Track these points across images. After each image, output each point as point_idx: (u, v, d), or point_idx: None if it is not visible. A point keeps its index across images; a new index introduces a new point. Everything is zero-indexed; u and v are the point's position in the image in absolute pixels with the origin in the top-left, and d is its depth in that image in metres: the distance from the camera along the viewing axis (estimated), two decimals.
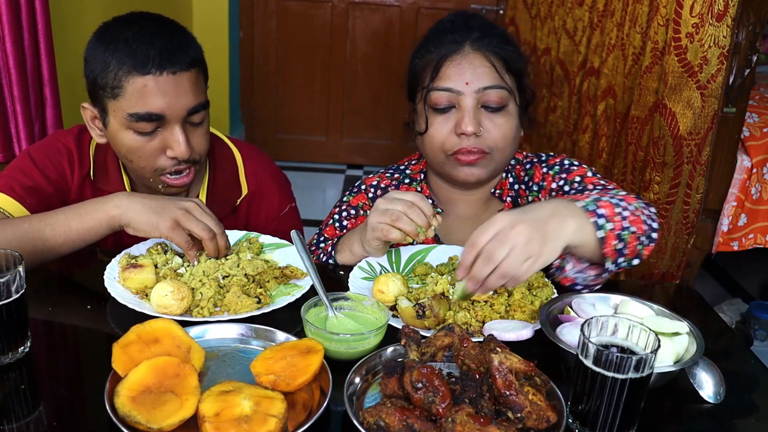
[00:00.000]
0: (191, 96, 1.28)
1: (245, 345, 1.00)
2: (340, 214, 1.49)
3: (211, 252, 1.19)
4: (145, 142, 1.28)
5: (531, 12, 3.14)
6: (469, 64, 1.31)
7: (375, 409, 0.80)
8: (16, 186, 1.32)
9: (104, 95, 1.27)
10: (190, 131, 1.31)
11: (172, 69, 1.25)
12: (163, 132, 1.28)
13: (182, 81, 1.27)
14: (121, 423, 0.78)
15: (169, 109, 1.26)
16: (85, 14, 2.53)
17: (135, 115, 1.25)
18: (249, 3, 4.12)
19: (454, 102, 1.32)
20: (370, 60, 4.27)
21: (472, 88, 1.30)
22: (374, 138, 4.47)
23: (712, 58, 1.71)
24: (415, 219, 1.16)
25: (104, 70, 1.25)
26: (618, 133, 2.25)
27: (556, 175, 1.39)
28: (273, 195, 1.53)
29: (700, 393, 0.93)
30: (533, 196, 1.42)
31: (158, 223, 1.16)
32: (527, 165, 1.46)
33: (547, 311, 1.06)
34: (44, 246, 1.18)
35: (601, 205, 1.10)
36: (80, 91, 1.34)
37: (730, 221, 2.21)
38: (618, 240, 1.09)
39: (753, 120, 2.27)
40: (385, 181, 1.51)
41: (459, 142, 1.31)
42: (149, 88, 1.24)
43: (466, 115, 1.30)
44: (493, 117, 1.32)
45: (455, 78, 1.31)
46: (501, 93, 1.31)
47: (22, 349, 0.96)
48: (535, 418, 0.81)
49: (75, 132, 1.43)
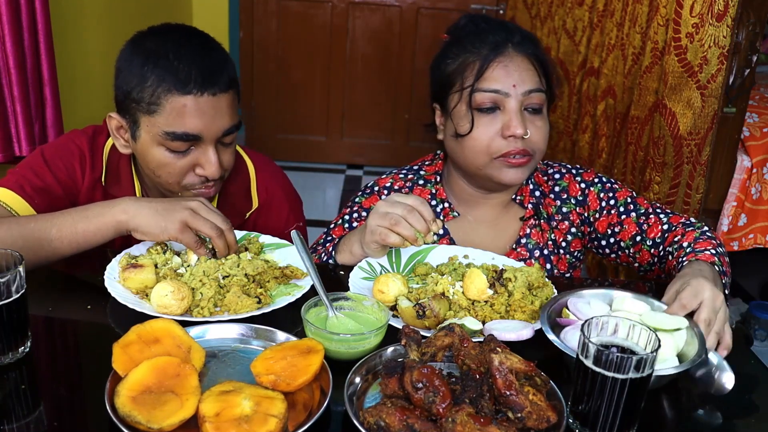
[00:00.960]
0: (227, 118, 1.28)
1: (245, 345, 1.00)
2: (350, 215, 1.48)
3: (221, 249, 1.18)
4: (176, 160, 1.27)
5: (531, 12, 3.14)
6: (516, 67, 1.32)
7: (375, 409, 0.80)
8: (26, 185, 1.31)
9: (138, 109, 1.26)
10: (220, 150, 1.31)
11: (212, 90, 1.24)
12: (196, 151, 1.28)
13: (221, 103, 1.26)
14: (121, 423, 0.78)
15: (206, 131, 1.25)
16: (85, 14, 2.53)
17: (171, 134, 1.24)
18: (249, 3, 4.12)
19: (500, 104, 1.31)
20: (370, 60, 4.26)
21: (519, 91, 1.30)
22: (374, 138, 4.46)
23: (712, 58, 1.71)
24: (414, 224, 1.16)
25: (141, 84, 1.24)
26: (618, 133, 2.25)
27: (601, 192, 1.43)
28: (282, 210, 1.52)
29: (709, 390, 0.93)
30: (569, 208, 1.45)
31: (166, 226, 1.15)
32: (556, 175, 1.47)
33: (548, 312, 1.06)
34: (49, 246, 1.17)
35: (721, 260, 1.21)
36: (80, 91, 1.35)
37: (730, 221, 2.21)
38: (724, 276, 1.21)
39: (753, 120, 2.27)
40: (399, 182, 1.50)
41: (507, 145, 1.31)
42: (189, 108, 1.23)
43: (513, 117, 1.30)
44: (534, 119, 1.33)
45: (503, 80, 1.30)
46: (541, 96, 1.33)
47: (22, 349, 0.96)
48: (536, 418, 0.81)
49: (89, 133, 1.42)
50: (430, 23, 4.13)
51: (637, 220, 1.38)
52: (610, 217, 1.41)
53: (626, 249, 1.40)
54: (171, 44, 1.26)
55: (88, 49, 2.57)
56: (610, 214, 1.41)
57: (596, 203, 1.43)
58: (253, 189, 1.51)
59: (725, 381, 0.92)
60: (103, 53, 2.71)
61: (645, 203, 1.41)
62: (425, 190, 1.48)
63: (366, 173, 4.49)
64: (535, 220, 1.44)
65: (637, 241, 1.37)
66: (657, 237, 1.35)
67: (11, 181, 1.31)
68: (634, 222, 1.38)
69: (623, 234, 1.39)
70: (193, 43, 1.29)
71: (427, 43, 4.08)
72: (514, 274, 1.15)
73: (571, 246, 1.46)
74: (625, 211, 1.40)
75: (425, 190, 1.48)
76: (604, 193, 1.43)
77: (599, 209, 1.43)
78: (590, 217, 1.44)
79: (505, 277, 1.15)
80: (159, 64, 1.23)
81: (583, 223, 1.45)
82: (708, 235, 1.28)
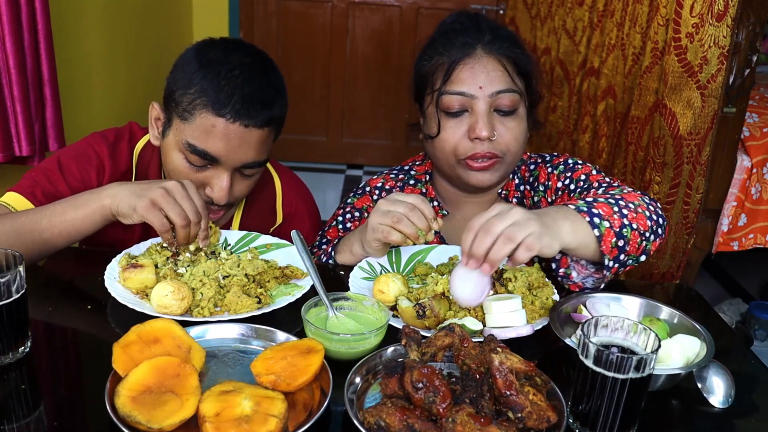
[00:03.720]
0: (253, 152, 1.27)
1: (245, 345, 1.00)
2: (343, 216, 1.48)
3: (180, 239, 1.16)
4: (191, 172, 1.27)
5: (531, 12, 3.14)
6: (482, 68, 1.30)
7: (375, 409, 0.80)
8: (38, 191, 1.30)
9: (175, 111, 1.26)
10: (236, 179, 1.30)
11: (246, 122, 1.23)
12: (212, 170, 1.27)
13: (250, 136, 1.25)
14: (121, 423, 0.78)
15: (226, 157, 1.25)
16: (85, 14, 2.53)
17: (192, 147, 1.24)
18: (249, 3, 4.12)
19: (467, 106, 1.30)
20: (370, 60, 4.26)
21: (486, 93, 1.29)
22: (374, 138, 4.47)
23: (712, 58, 1.71)
24: (416, 222, 1.16)
25: (185, 89, 1.24)
26: (618, 133, 2.25)
27: (561, 174, 1.38)
28: (303, 227, 1.50)
29: (708, 399, 0.93)
30: (539, 196, 1.42)
31: (136, 204, 1.13)
32: (531, 165, 1.45)
33: (559, 311, 1.06)
34: (41, 238, 1.17)
35: (596, 205, 1.11)
36: (80, 91, 1.34)
37: (730, 221, 2.21)
38: (617, 237, 1.10)
39: (753, 120, 2.27)
40: (390, 182, 1.51)
41: (473, 147, 1.30)
42: (217, 129, 1.22)
43: (480, 119, 1.29)
44: (505, 121, 1.31)
45: (469, 82, 1.30)
46: (513, 97, 1.31)
47: (22, 349, 0.96)
48: (536, 418, 0.81)
49: (110, 139, 1.40)
50: (430, 23, 4.14)
51: (579, 196, 1.30)
52: (562, 197, 1.36)
53: None
54: (230, 61, 1.24)
55: (88, 49, 2.57)
56: (563, 194, 1.36)
57: (555, 185, 1.38)
58: (278, 204, 1.50)
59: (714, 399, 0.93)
60: (103, 53, 2.71)
61: (598, 178, 1.33)
62: (415, 190, 1.49)
63: (366, 173, 4.49)
64: None
65: None
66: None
67: (24, 186, 1.31)
68: (576, 198, 1.29)
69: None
70: (253, 69, 1.27)
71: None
72: (514, 274, 1.15)
73: None
74: (575, 188, 1.34)
75: (415, 190, 1.49)
76: (563, 173, 1.38)
77: (556, 190, 1.38)
78: (552, 201, 1.39)
79: (505, 277, 1.15)
80: (208, 77, 1.23)
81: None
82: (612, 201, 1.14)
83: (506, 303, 1.05)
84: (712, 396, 0.93)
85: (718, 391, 0.93)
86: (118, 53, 2.85)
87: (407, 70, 1.46)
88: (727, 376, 0.93)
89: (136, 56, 3.01)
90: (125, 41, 2.91)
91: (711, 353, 0.95)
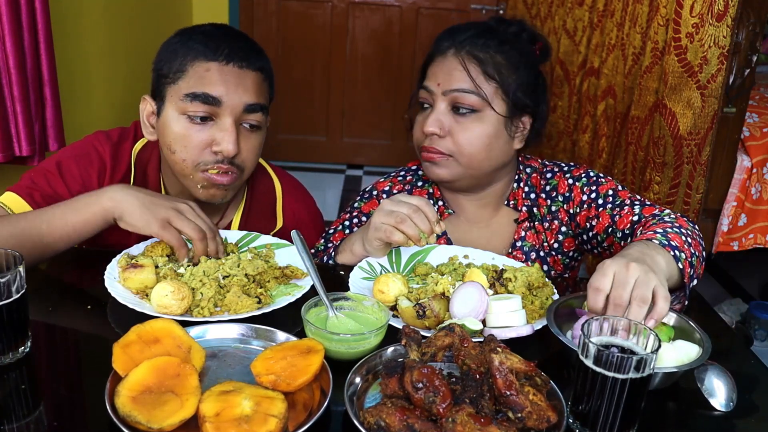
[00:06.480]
0: (252, 93, 1.28)
1: (245, 345, 1.00)
2: (350, 220, 1.49)
3: (198, 252, 1.17)
4: (195, 132, 1.26)
5: (531, 12, 3.14)
6: (446, 67, 1.36)
7: (375, 409, 0.80)
8: (36, 193, 1.30)
9: (166, 83, 1.28)
10: (242, 134, 1.29)
11: (239, 63, 1.26)
12: (214, 126, 1.26)
13: (246, 77, 1.27)
14: (121, 423, 0.78)
15: (227, 97, 1.25)
16: (85, 14, 2.53)
17: (191, 95, 1.24)
18: (249, 3, 4.12)
19: (429, 101, 1.37)
20: (370, 60, 4.26)
21: (441, 89, 1.35)
22: (374, 138, 4.47)
23: (712, 58, 1.72)
24: (419, 224, 1.17)
25: (171, 59, 1.27)
26: (618, 133, 2.25)
27: (584, 186, 1.40)
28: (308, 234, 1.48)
29: (710, 401, 0.93)
30: (557, 206, 1.44)
31: (150, 220, 1.14)
32: (548, 174, 1.47)
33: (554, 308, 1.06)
34: (41, 242, 1.17)
35: (671, 237, 1.13)
36: (80, 91, 1.35)
37: (730, 221, 2.21)
38: (690, 266, 1.13)
39: (753, 120, 2.27)
40: (398, 186, 1.52)
41: (424, 140, 1.37)
42: (212, 72, 1.25)
43: (431, 114, 1.35)
44: (462, 120, 1.34)
45: (431, 78, 1.38)
46: (473, 98, 1.33)
47: (22, 349, 0.96)
48: (536, 418, 0.81)
49: (114, 139, 1.40)
50: (430, 23, 4.14)
51: (611, 212, 1.34)
52: (589, 210, 1.38)
53: (602, 242, 1.36)
54: (208, 31, 1.29)
55: (88, 49, 2.57)
56: (590, 207, 1.38)
57: (579, 197, 1.40)
58: (278, 208, 1.50)
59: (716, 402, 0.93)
60: (103, 53, 2.71)
61: (626, 195, 1.36)
62: (423, 191, 1.49)
63: (366, 173, 4.49)
64: (529, 222, 1.45)
65: (609, 232, 1.33)
66: (626, 228, 1.30)
67: (22, 187, 1.30)
68: (608, 213, 1.34)
69: (598, 226, 1.36)
70: (233, 32, 1.32)
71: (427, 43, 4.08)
72: (514, 274, 1.16)
73: (564, 246, 1.45)
74: (603, 203, 1.36)
75: (423, 191, 1.49)
76: (587, 186, 1.40)
77: (581, 203, 1.40)
78: (574, 212, 1.41)
79: (505, 277, 1.16)
80: (192, 37, 1.27)
81: (571, 220, 1.43)
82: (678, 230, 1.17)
83: (506, 303, 1.05)
84: (713, 398, 0.93)
85: (719, 393, 0.93)
86: (118, 53, 2.85)
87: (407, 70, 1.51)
88: (729, 379, 0.93)
89: (136, 56, 3.01)
90: (125, 41, 2.91)
91: (707, 353, 0.95)
